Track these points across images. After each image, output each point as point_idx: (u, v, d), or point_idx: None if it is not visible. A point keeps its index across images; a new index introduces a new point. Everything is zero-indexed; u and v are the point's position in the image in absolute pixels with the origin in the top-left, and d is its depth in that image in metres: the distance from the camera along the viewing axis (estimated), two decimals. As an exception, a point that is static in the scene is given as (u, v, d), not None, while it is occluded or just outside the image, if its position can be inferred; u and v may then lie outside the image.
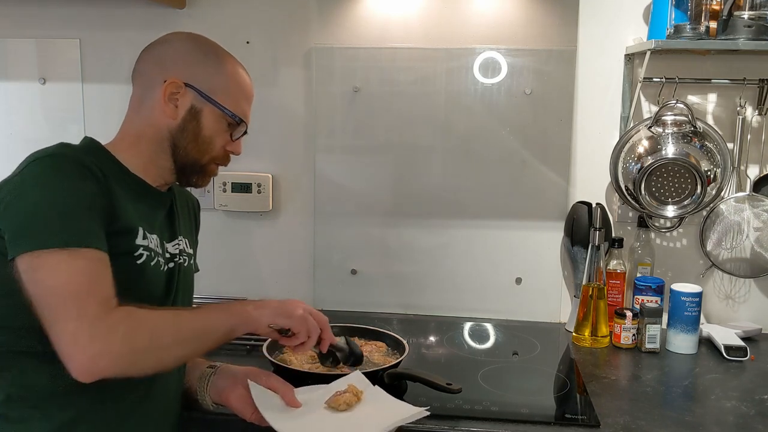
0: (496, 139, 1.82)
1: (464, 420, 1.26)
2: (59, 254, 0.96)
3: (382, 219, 1.89)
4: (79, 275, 0.96)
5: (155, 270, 1.12)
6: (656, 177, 1.67)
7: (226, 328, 1.10)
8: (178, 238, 1.23)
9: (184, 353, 1.09)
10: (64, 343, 0.94)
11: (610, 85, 1.79)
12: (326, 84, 1.85)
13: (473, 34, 1.79)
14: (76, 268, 0.96)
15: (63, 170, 1.01)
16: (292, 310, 1.18)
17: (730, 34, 1.55)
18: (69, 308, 0.95)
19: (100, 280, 0.99)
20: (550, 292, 1.87)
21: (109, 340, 0.95)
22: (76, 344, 0.94)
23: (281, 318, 1.17)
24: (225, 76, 1.17)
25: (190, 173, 1.18)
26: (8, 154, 1.95)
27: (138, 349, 0.98)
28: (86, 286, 0.96)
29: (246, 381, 1.18)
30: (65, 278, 0.95)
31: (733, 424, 1.29)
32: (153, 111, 1.14)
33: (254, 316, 1.14)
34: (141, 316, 1.01)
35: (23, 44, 1.94)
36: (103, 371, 0.95)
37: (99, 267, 0.99)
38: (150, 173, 1.16)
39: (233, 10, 1.86)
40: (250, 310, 1.14)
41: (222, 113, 1.15)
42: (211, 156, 1.18)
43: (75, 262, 0.96)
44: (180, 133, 1.14)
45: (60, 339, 0.95)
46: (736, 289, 1.83)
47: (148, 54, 1.18)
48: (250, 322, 1.13)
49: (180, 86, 1.13)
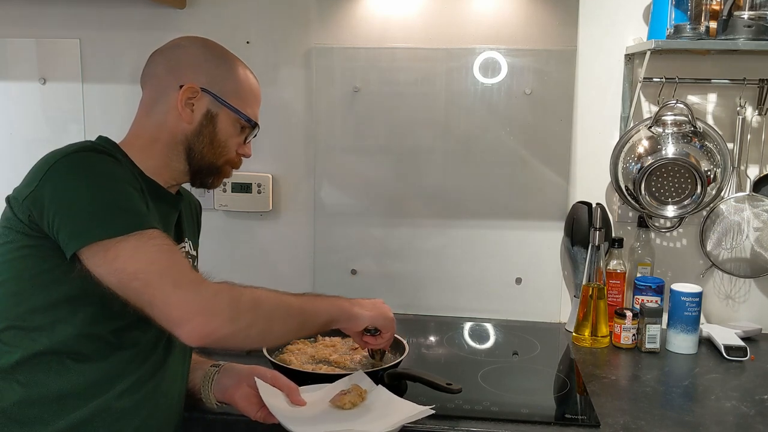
0: (496, 139, 1.82)
1: (464, 420, 1.26)
2: (131, 239, 0.98)
3: (382, 219, 1.89)
4: (159, 253, 0.99)
5: None
6: (656, 177, 1.67)
7: (328, 316, 1.15)
8: (184, 240, 1.24)
9: (287, 329, 1.10)
10: (171, 313, 0.97)
11: (610, 85, 1.79)
12: (326, 84, 1.85)
13: (473, 34, 1.79)
14: (155, 247, 0.99)
15: (99, 162, 1.03)
16: (387, 313, 1.27)
17: (730, 34, 1.55)
18: (165, 282, 0.97)
19: (178, 254, 1.03)
20: (550, 292, 1.87)
21: (216, 302, 0.98)
22: (184, 309, 0.97)
23: (380, 320, 1.25)
24: (237, 80, 1.19)
25: (205, 175, 1.21)
26: (8, 154, 1.95)
27: (244, 313, 1.01)
28: (171, 260, 0.99)
29: (250, 380, 1.19)
30: (149, 259, 0.98)
31: (733, 424, 1.29)
32: (167, 115, 1.15)
33: (355, 313, 1.20)
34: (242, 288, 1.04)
35: (23, 44, 1.94)
36: (214, 333, 0.98)
37: (170, 242, 1.02)
38: (163, 175, 1.17)
39: (233, 10, 1.86)
40: (351, 307, 1.20)
41: (236, 117, 1.18)
42: (226, 158, 1.20)
43: (149, 242, 0.99)
44: (196, 137, 1.16)
45: (165, 310, 0.97)
46: (736, 289, 1.83)
47: (160, 58, 1.19)
48: (351, 318, 1.19)
49: (196, 91, 1.14)
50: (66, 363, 1.03)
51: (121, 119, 1.20)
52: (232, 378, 1.22)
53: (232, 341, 1.02)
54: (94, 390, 1.04)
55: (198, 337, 0.97)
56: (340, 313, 1.17)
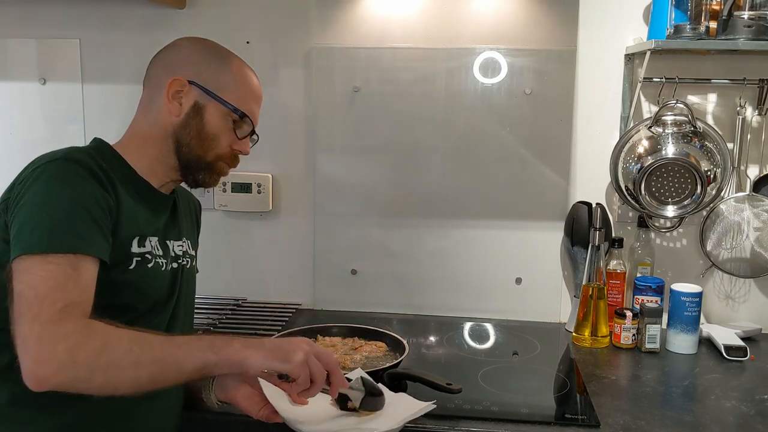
0: (496, 139, 1.82)
1: (464, 420, 1.26)
2: (36, 258, 0.94)
3: (382, 219, 1.89)
4: (47, 279, 0.93)
5: (157, 272, 1.13)
6: (656, 177, 1.67)
7: (199, 363, 0.97)
8: (182, 239, 1.24)
9: (139, 377, 0.95)
10: (17, 346, 0.92)
11: (610, 85, 1.79)
12: (326, 84, 1.85)
13: (473, 34, 1.79)
14: (47, 272, 0.94)
15: (68, 175, 1.01)
16: (291, 354, 1.02)
17: (730, 34, 1.55)
18: (27, 311, 0.92)
19: (70, 286, 0.94)
20: (550, 292, 1.87)
21: (53, 348, 0.90)
22: (24, 348, 0.91)
23: (276, 362, 1.02)
24: (231, 74, 1.18)
25: (195, 171, 1.18)
26: (8, 154, 1.95)
27: (82, 362, 0.91)
28: (50, 290, 0.93)
29: (251, 379, 1.17)
30: (34, 281, 0.93)
31: (733, 424, 1.29)
32: (160, 111, 1.16)
33: (241, 356, 1.00)
34: (99, 330, 0.94)
35: (23, 44, 1.94)
36: (47, 379, 0.90)
37: (73, 273, 0.95)
38: (157, 173, 1.17)
39: (233, 10, 1.86)
40: (237, 349, 1.00)
41: (227, 110, 1.16)
42: (216, 153, 1.18)
43: (47, 266, 0.94)
44: (183, 129, 1.15)
45: (15, 341, 0.92)
46: (736, 289, 1.83)
47: (158, 58, 1.20)
48: (234, 362, 1.00)
49: (184, 84, 1.14)
50: None
51: (121, 119, 1.21)
52: (234, 378, 1.21)
53: (73, 389, 0.92)
54: None
55: (31, 380, 0.90)
56: (217, 357, 0.98)
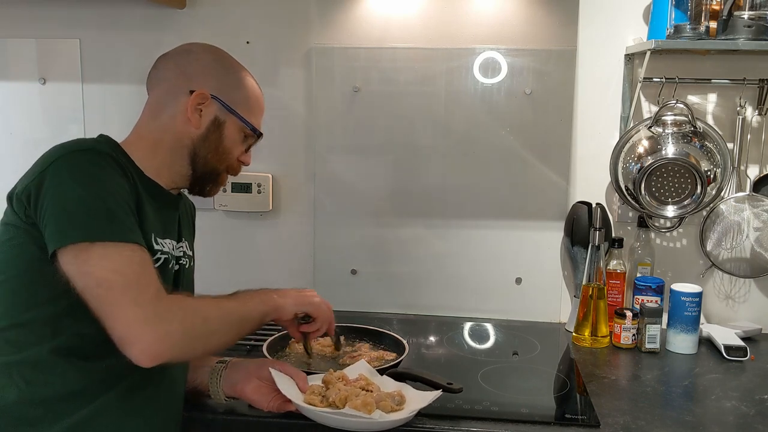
0: (496, 139, 1.82)
1: (464, 420, 1.26)
2: (106, 247, 0.99)
3: (382, 219, 1.89)
4: (129, 266, 1.00)
5: (168, 271, 1.15)
6: (656, 177, 1.67)
7: (260, 315, 1.16)
8: (182, 240, 1.26)
9: (228, 338, 1.11)
10: (125, 330, 0.97)
11: (610, 85, 1.79)
12: (326, 84, 1.85)
13: (473, 34, 1.79)
14: (126, 258, 1.00)
15: (100, 165, 1.04)
16: (311, 298, 1.27)
17: (730, 34, 1.55)
18: (126, 296, 0.98)
19: (149, 270, 1.02)
20: (550, 292, 1.87)
21: (169, 324, 0.99)
22: (138, 329, 0.97)
23: (304, 305, 1.25)
24: (245, 90, 1.22)
25: (205, 181, 1.23)
26: (8, 154, 1.95)
27: (193, 333, 1.03)
28: (138, 275, 1.00)
29: (259, 373, 1.22)
30: (117, 268, 0.98)
31: (733, 424, 1.29)
32: (175, 119, 1.17)
33: (280, 303, 1.20)
34: (192, 303, 1.08)
35: (23, 44, 1.94)
36: (164, 354, 0.99)
37: (145, 258, 1.03)
38: (162, 178, 1.18)
39: (233, 10, 1.86)
40: (275, 298, 1.19)
41: (242, 125, 1.21)
42: (226, 165, 1.23)
43: (123, 253, 1.00)
44: (202, 142, 1.18)
45: (120, 326, 0.97)
46: (736, 289, 1.83)
47: (170, 62, 1.21)
48: (278, 308, 1.19)
49: (206, 97, 1.17)
50: (70, 361, 1.03)
51: (121, 119, 1.21)
52: (241, 372, 1.24)
53: (180, 358, 1.07)
54: (97, 389, 1.05)
55: (149, 358, 0.98)
56: (268, 307, 1.18)
